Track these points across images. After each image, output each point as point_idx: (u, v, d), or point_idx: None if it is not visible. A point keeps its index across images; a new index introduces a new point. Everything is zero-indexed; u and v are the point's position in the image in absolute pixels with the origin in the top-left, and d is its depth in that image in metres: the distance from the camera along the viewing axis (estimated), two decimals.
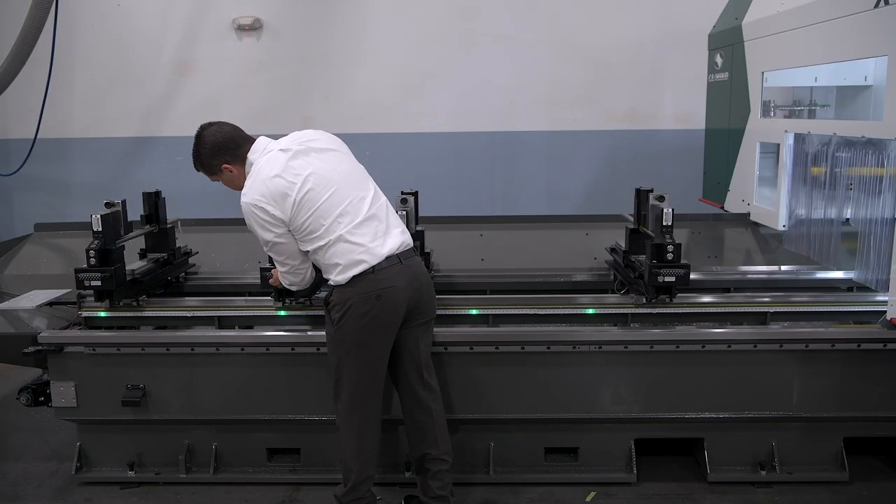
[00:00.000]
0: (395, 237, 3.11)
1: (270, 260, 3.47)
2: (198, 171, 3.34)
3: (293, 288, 3.32)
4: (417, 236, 3.69)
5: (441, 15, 6.63)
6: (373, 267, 3.01)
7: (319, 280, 3.80)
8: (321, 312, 3.69)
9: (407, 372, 3.23)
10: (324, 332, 3.57)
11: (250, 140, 3.23)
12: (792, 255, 4.18)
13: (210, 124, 3.27)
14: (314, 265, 3.26)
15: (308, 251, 3.12)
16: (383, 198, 3.22)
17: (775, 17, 4.22)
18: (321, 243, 3.05)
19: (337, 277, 3.05)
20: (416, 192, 3.88)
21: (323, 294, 3.87)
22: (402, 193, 3.84)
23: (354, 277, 3.01)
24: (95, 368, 3.57)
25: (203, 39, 6.72)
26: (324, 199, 3.03)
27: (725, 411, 3.55)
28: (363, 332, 3.04)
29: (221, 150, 3.20)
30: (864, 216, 3.52)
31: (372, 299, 3.00)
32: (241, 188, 3.15)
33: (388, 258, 3.04)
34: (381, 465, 3.69)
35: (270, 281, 3.50)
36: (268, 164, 3.09)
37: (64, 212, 6.71)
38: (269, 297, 3.78)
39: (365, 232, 3.05)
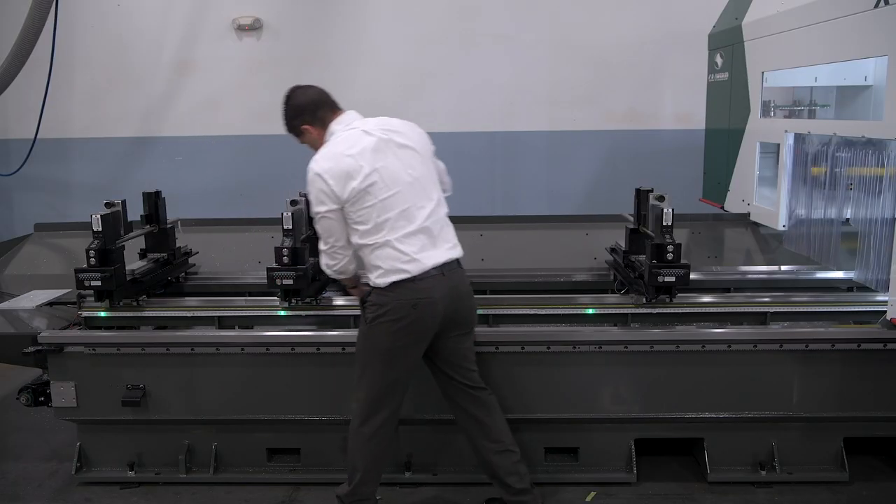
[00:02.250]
0: (443, 252, 3.06)
1: (276, 258, 3.47)
2: (288, 133, 3.33)
3: (328, 271, 3.22)
4: None
5: (441, 15, 6.63)
6: (413, 277, 2.98)
7: (326, 280, 3.82)
8: (324, 313, 3.71)
9: (455, 378, 3.20)
10: (323, 332, 3.59)
11: (336, 108, 3.22)
12: (792, 255, 4.18)
13: (298, 86, 3.26)
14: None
15: (354, 242, 3.09)
16: (443, 210, 3.15)
17: (775, 17, 4.22)
18: (368, 241, 3.01)
19: (377, 280, 3.01)
20: None
21: (328, 294, 3.89)
22: None
23: (393, 283, 2.98)
24: (95, 368, 3.56)
25: (203, 39, 6.72)
26: (384, 197, 2.98)
27: (725, 411, 3.55)
28: (394, 337, 3.01)
29: (302, 111, 3.19)
30: (864, 216, 3.52)
31: (408, 307, 2.98)
32: None
33: (429, 269, 3.01)
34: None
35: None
36: (346, 140, 3.05)
37: (64, 212, 6.71)
38: (269, 297, 3.78)
39: (414, 242, 3.00)
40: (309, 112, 3.18)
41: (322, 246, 3.16)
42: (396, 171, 3.02)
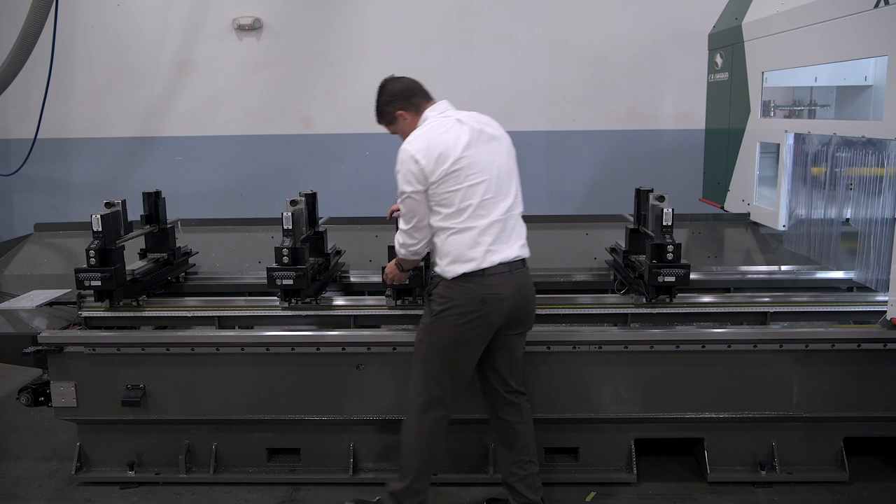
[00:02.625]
0: (514, 249, 3.07)
1: (276, 258, 3.47)
2: (379, 122, 3.32)
3: (402, 251, 3.19)
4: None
5: (441, 15, 6.63)
6: (482, 270, 2.98)
7: (326, 280, 3.82)
8: (324, 313, 3.71)
9: (501, 375, 3.20)
10: (323, 332, 3.59)
11: (429, 98, 3.24)
12: (792, 255, 4.18)
13: (393, 76, 3.28)
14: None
15: (433, 224, 3.07)
16: (520, 207, 3.16)
17: (775, 17, 4.22)
18: (447, 224, 3.01)
19: (445, 268, 3.02)
20: None
21: (328, 294, 3.89)
22: None
23: (462, 276, 2.99)
24: (95, 368, 3.57)
25: (203, 39, 6.71)
26: (469, 184, 2.99)
27: (725, 411, 3.55)
28: (459, 331, 3.01)
29: (398, 97, 3.20)
30: (864, 216, 3.52)
31: (476, 302, 2.98)
32: None
33: (498, 265, 3.01)
34: (382, 465, 3.70)
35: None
36: (440, 126, 3.07)
37: (64, 212, 6.72)
38: (269, 297, 3.78)
39: (489, 233, 3.01)
40: (404, 98, 3.20)
41: (403, 225, 3.14)
42: (484, 161, 3.04)
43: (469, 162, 3.00)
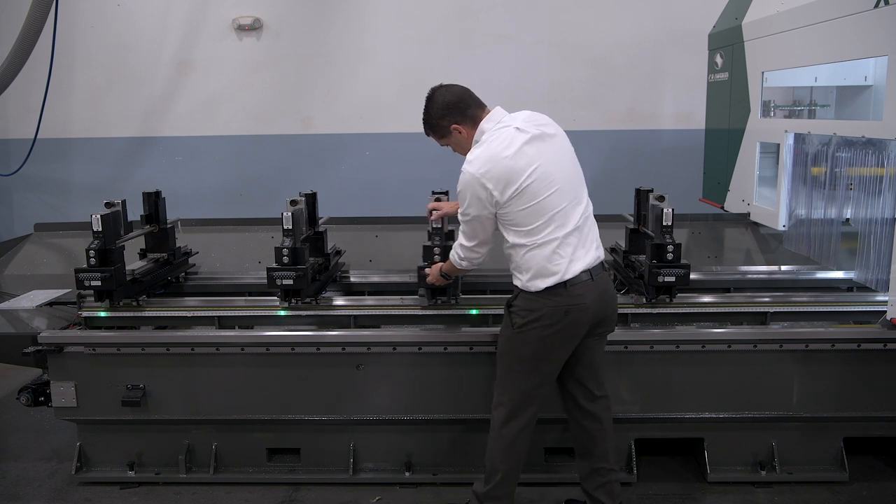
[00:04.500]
0: (591, 253, 2.98)
1: (276, 258, 3.47)
2: (428, 135, 3.18)
3: (462, 264, 3.13)
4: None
5: (441, 15, 6.63)
6: (565, 282, 2.89)
7: (326, 280, 3.81)
8: (324, 313, 3.71)
9: (583, 384, 3.13)
10: (323, 332, 3.59)
11: (482, 106, 3.09)
12: (792, 255, 4.18)
13: (441, 85, 3.11)
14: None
15: (511, 241, 2.97)
16: (591, 207, 3.07)
17: (775, 17, 4.22)
18: (524, 241, 2.91)
19: (527, 283, 2.92)
20: (447, 192, 3.91)
21: (328, 294, 3.89)
22: (434, 192, 3.90)
23: (546, 289, 2.90)
24: (95, 368, 3.57)
25: (203, 39, 6.72)
26: (542, 198, 2.87)
27: (725, 411, 3.55)
28: (544, 343, 2.94)
29: (451, 110, 3.04)
30: (864, 216, 3.52)
31: (560, 313, 2.89)
32: (467, 152, 3.02)
33: (580, 273, 2.92)
34: (381, 464, 3.70)
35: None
36: (502, 140, 2.91)
37: (64, 212, 6.72)
38: (269, 297, 3.78)
39: (569, 243, 2.91)
40: (458, 110, 3.04)
41: (465, 241, 3.06)
42: (552, 168, 2.92)
43: (538, 175, 2.87)
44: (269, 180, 6.70)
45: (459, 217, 3.05)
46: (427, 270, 3.44)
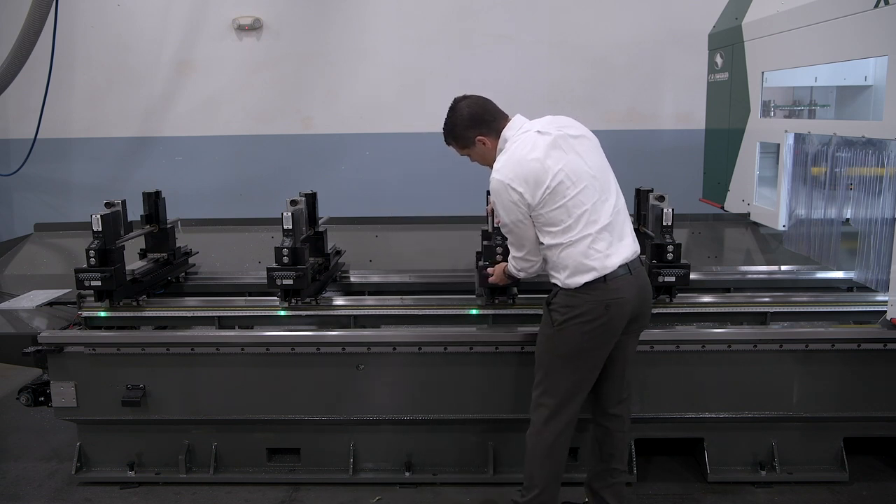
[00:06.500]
0: (627, 246, 2.97)
1: (276, 258, 3.47)
2: (448, 144, 3.20)
3: (521, 275, 3.15)
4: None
5: (441, 15, 6.63)
6: (604, 276, 2.88)
7: (326, 280, 3.81)
8: (324, 313, 3.71)
9: (611, 376, 3.11)
10: (323, 332, 3.59)
11: (504, 115, 3.12)
12: (792, 255, 4.18)
13: (465, 97, 3.14)
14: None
15: (544, 242, 2.97)
16: (622, 200, 3.06)
17: (775, 17, 4.22)
18: (558, 241, 2.91)
19: (566, 280, 2.91)
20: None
21: (328, 294, 3.89)
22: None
23: (585, 285, 2.88)
24: (95, 368, 3.57)
25: (203, 39, 6.72)
26: (571, 196, 2.88)
27: (725, 411, 3.55)
28: (584, 339, 2.92)
29: (477, 122, 3.07)
30: (864, 216, 3.52)
31: (600, 308, 2.88)
32: (491, 163, 3.04)
33: (618, 268, 2.90)
34: (381, 464, 3.70)
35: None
36: (525, 144, 2.95)
37: (64, 212, 6.72)
38: (269, 297, 3.78)
39: (602, 238, 2.90)
40: (485, 123, 3.07)
41: (516, 252, 3.08)
42: (579, 166, 2.93)
43: (566, 174, 2.88)
44: (269, 180, 6.70)
45: (501, 228, 3.07)
46: (490, 270, 3.43)
